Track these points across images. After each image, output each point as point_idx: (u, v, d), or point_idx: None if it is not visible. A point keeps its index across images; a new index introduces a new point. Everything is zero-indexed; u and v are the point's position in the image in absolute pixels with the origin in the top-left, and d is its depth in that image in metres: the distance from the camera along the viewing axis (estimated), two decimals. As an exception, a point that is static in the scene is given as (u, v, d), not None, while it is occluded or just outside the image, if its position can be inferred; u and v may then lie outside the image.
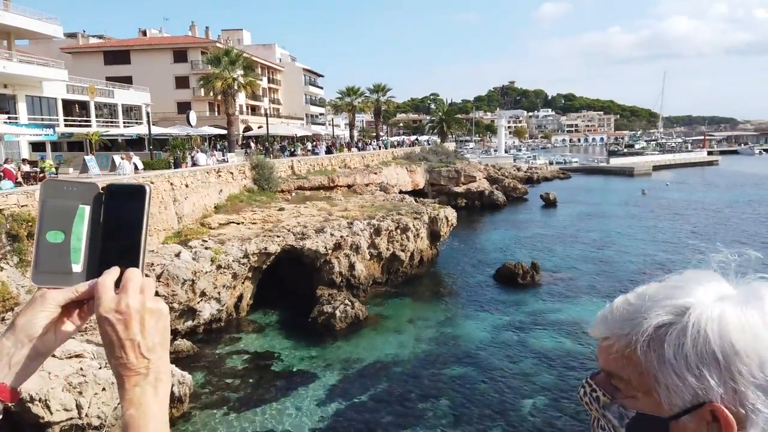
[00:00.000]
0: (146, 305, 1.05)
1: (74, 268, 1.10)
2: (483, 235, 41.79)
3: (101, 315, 1.04)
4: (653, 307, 0.97)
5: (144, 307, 1.05)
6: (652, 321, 0.96)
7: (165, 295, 19.22)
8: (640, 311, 0.98)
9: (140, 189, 1.11)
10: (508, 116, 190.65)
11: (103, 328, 1.04)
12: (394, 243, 27.61)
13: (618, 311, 1.02)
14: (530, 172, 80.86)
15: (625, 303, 1.03)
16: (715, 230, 41.42)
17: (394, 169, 47.82)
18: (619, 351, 0.99)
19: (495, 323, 22.56)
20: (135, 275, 1.07)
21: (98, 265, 1.10)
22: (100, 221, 1.11)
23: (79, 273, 1.10)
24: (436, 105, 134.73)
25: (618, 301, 1.05)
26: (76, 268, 1.10)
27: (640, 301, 1.01)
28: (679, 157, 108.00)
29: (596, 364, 1.09)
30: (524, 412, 15.55)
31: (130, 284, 1.06)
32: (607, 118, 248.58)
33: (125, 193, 1.11)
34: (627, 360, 0.98)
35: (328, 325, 21.60)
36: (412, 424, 14.97)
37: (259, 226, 25.83)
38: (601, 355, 1.05)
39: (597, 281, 28.35)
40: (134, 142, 39.13)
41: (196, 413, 15.50)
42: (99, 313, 1.04)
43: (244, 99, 64.56)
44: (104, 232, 1.11)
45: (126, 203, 1.10)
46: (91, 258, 1.11)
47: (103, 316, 1.04)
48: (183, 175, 25.65)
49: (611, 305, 1.06)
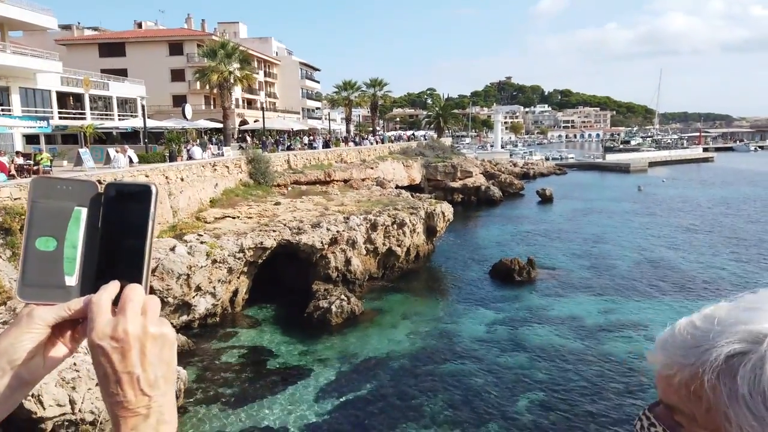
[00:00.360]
0: (148, 330, 0.89)
1: (68, 281, 0.94)
2: (479, 231, 41.76)
3: (94, 342, 0.87)
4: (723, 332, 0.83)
5: (146, 332, 0.89)
6: (722, 350, 0.81)
7: (159, 290, 19.11)
8: (708, 337, 0.84)
9: (145, 189, 0.96)
10: (504, 112, 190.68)
11: (96, 358, 0.88)
12: (390, 238, 27.53)
13: (681, 336, 0.88)
14: (526, 168, 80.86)
15: (690, 327, 0.89)
16: (710, 228, 41.50)
17: (390, 164, 47.70)
18: (683, 383, 0.85)
19: (491, 319, 22.53)
20: (136, 293, 0.91)
21: (95, 277, 0.95)
22: (99, 226, 0.96)
23: (73, 287, 0.94)
24: (433, 100, 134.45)
25: (681, 323, 0.91)
26: (69, 281, 0.94)
27: (708, 325, 0.86)
28: (674, 154, 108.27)
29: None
30: (520, 408, 15.53)
31: (130, 304, 0.89)
32: (604, 115, 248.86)
33: (128, 194, 0.96)
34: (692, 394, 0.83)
35: (323, 321, 21.53)
36: (408, 420, 14.93)
37: (255, 220, 25.70)
38: (661, 385, 0.90)
39: (593, 277, 28.35)
40: (129, 135, 38.86)
41: (190, 409, 15.42)
42: (91, 339, 0.88)
43: (240, 92, 64.21)
44: (103, 239, 0.96)
45: (129, 206, 0.95)
46: (87, 269, 0.95)
47: (95, 343, 0.87)
48: (178, 168, 25.48)
49: (673, 328, 0.92)
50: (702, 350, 0.83)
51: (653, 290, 26.06)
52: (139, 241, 0.94)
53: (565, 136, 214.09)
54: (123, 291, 0.91)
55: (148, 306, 0.91)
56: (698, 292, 25.69)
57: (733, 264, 30.63)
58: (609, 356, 18.81)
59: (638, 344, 19.79)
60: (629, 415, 15.01)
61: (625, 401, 15.78)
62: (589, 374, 17.53)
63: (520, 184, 64.02)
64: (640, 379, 17.14)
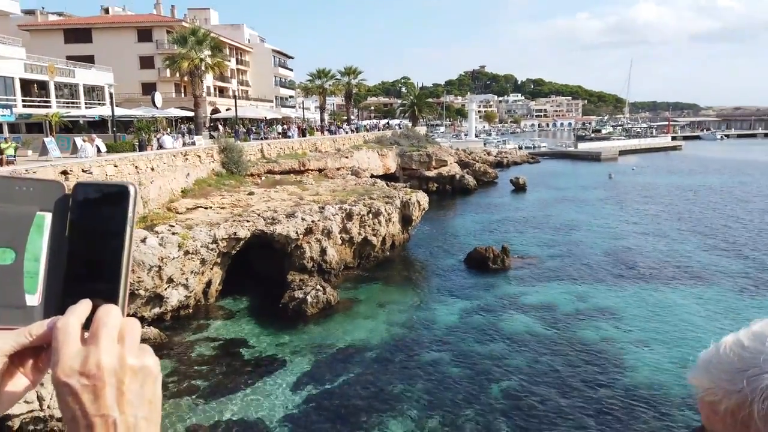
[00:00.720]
0: (127, 363, 0.72)
1: (29, 301, 0.79)
2: (454, 219, 41.97)
3: (59, 379, 0.70)
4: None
5: (123, 365, 0.72)
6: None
7: (131, 282, 18.70)
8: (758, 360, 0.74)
9: (122, 190, 0.80)
10: (478, 101, 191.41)
11: (63, 399, 0.70)
12: (365, 227, 27.46)
13: (727, 357, 0.78)
14: (500, 157, 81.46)
15: (737, 346, 0.78)
16: (678, 215, 42.43)
17: (365, 153, 47.52)
18: (729, 411, 0.74)
19: (466, 307, 22.69)
20: (111, 315, 0.74)
21: (62, 296, 0.80)
22: (66, 234, 0.81)
23: (35, 307, 0.80)
24: (407, 89, 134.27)
25: (727, 342, 0.80)
26: (31, 300, 0.79)
27: (758, 345, 0.76)
28: (644, 142, 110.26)
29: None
30: (494, 395, 15.70)
31: (104, 330, 0.72)
32: (575, 104, 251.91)
33: (101, 196, 0.80)
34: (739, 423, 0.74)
35: (299, 311, 21.41)
36: (385, 408, 14.96)
37: (228, 210, 25.34)
38: (705, 411, 0.80)
39: (566, 265, 28.75)
40: (97, 123, 37.88)
41: (164, 402, 15.11)
42: (56, 376, 0.71)
43: (211, 80, 63.10)
44: (71, 250, 0.80)
45: (102, 209, 0.79)
46: (51, 286, 0.80)
47: (61, 381, 0.70)
48: (148, 158, 24.92)
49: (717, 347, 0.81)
50: (751, 375, 0.74)
51: (624, 277, 26.56)
52: (114, 252, 0.79)
53: (538, 125, 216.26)
54: (95, 313, 0.76)
55: (127, 331, 0.75)
56: (667, 278, 26.26)
57: (701, 251, 31.38)
58: (581, 342, 19.13)
59: (608, 331, 20.17)
60: (600, 400, 15.30)
61: (596, 387, 16.08)
62: (562, 361, 17.80)
63: (494, 172, 64.50)
64: (611, 364, 17.48)
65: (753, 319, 0.86)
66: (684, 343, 18.87)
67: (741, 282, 25.38)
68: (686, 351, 18.23)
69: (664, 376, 16.54)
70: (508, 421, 14.30)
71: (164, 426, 14.06)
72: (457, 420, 14.36)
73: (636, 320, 21.05)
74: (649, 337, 19.40)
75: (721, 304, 22.71)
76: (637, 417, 14.36)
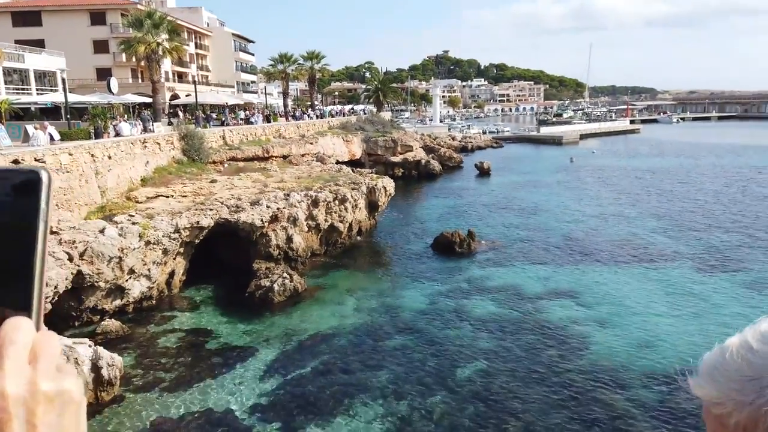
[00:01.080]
0: (39, 388, 0.59)
1: None
2: (420, 205, 42.12)
3: None
4: None
5: (35, 392, 0.58)
6: None
7: (89, 274, 18.17)
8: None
9: (32, 177, 0.67)
10: (442, 86, 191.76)
11: None
12: (332, 214, 27.27)
13: (735, 363, 0.68)
14: (465, 142, 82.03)
15: (746, 350, 0.68)
16: (637, 198, 43.55)
17: (330, 139, 47.11)
18: (740, 426, 0.65)
19: (433, 292, 22.84)
20: (20, 330, 0.61)
21: None
22: None
23: None
24: (371, 74, 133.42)
25: (733, 345, 0.70)
26: None
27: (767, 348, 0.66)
28: (604, 126, 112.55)
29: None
30: (462, 378, 15.88)
31: (11, 349, 0.59)
32: (537, 88, 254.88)
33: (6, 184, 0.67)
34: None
35: (266, 299, 21.17)
36: (354, 395, 14.97)
37: (190, 199, 24.78)
38: (712, 425, 0.70)
39: (530, 247, 29.21)
40: (49, 110, 36.37)
41: (128, 396, 14.84)
42: None
43: (169, 65, 61.32)
44: None
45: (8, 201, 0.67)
46: None
47: None
48: (105, 146, 24.09)
49: (723, 351, 0.70)
50: (764, 385, 0.64)
51: (585, 259, 27.14)
52: (24, 252, 0.65)
53: (501, 109, 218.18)
54: (2, 324, 0.62)
55: (41, 349, 0.61)
56: (627, 260, 26.96)
57: (659, 233, 32.31)
58: (545, 324, 19.50)
59: (571, 312, 20.61)
60: (563, 380, 15.64)
61: (560, 367, 16.42)
62: (527, 342, 18.12)
63: (459, 157, 64.95)
64: (574, 345, 17.88)
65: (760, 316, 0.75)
66: (644, 324, 19.44)
67: (697, 262, 26.26)
68: (646, 330, 18.79)
69: (624, 356, 17.02)
70: (475, 403, 14.49)
71: (128, 421, 13.75)
72: (425, 404, 14.47)
73: (597, 301, 21.56)
74: (610, 318, 19.90)
75: (679, 284, 23.45)
76: (598, 396, 14.74)
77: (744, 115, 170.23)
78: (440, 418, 13.87)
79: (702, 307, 20.64)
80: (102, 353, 14.76)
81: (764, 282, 23.19)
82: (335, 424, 13.71)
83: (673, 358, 16.60)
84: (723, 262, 25.98)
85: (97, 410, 14.08)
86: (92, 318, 19.17)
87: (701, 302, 21.15)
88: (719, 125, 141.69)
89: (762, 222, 33.65)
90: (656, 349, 17.35)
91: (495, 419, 13.74)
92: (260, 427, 13.62)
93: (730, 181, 50.03)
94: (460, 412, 14.11)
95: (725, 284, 23.11)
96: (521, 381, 15.58)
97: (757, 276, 23.94)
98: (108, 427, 13.51)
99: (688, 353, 16.87)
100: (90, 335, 17.53)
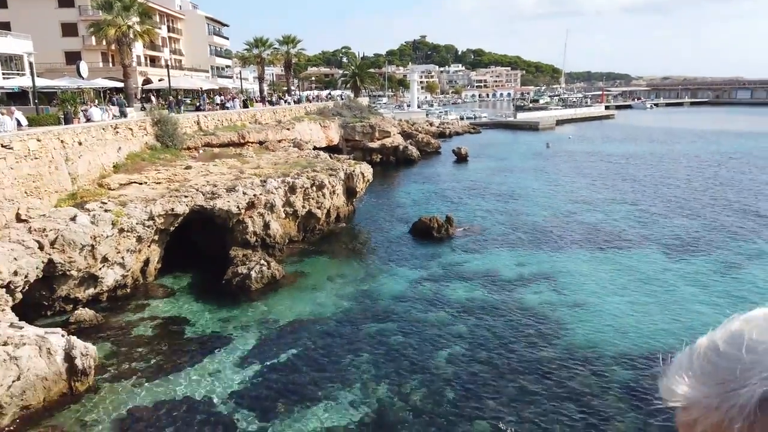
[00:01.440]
0: None
1: None
2: (398, 191, 42.10)
3: None
4: (757, 364, 0.59)
5: None
6: (755, 389, 0.58)
7: (61, 262, 17.78)
8: (736, 371, 0.59)
9: None
10: (420, 71, 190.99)
11: None
12: (309, 200, 27.10)
13: (701, 366, 0.63)
14: (442, 127, 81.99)
15: (712, 352, 0.63)
16: (612, 183, 44.15)
17: (307, 124, 46.64)
18: (708, 430, 0.61)
19: (412, 277, 22.91)
20: None
21: None
22: None
23: None
24: (349, 59, 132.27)
25: (701, 346, 0.65)
26: None
27: (734, 351, 0.61)
28: (579, 112, 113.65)
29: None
30: (440, 362, 16.00)
31: None
32: (514, 74, 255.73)
33: None
34: None
35: (243, 287, 21.01)
36: (333, 381, 14.99)
37: (165, 185, 24.35)
38: (682, 430, 0.65)
39: (507, 232, 29.46)
40: (17, 95, 35.34)
41: (104, 385, 14.64)
42: None
43: (141, 49, 59.88)
44: None
45: None
46: None
47: None
48: (75, 131, 23.46)
49: (691, 352, 0.66)
50: (729, 389, 0.59)
51: (561, 243, 27.48)
52: None
53: (479, 95, 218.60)
54: None
55: None
56: (601, 243, 27.36)
57: (631, 217, 32.83)
58: (521, 307, 19.73)
59: (547, 295, 20.88)
60: (540, 361, 15.87)
61: (536, 349, 16.66)
62: (504, 325, 18.32)
63: (437, 143, 64.97)
64: (550, 327, 18.14)
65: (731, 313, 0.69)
66: (616, 308, 19.80)
67: (668, 247, 26.77)
68: (618, 314, 19.14)
69: (598, 337, 17.33)
70: (454, 386, 14.64)
71: (104, 411, 13.57)
72: (403, 388, 14.57)
73: (571, 286, 21.87)
74: (583, 302, 20.22)
75: (651, 265, 23.90)
76: (574, 375, 15.00)
77: (715, 101, 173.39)
78: (418, 402, 13.98)
79: (672, 291, 21.07)
80: (76, 343, 14.50)
81: (733, 265, 23.77)
82: (314, 409, 13.73)
83: (643, 341, 16.96)
84: (694, 247, 26.55)
85: (71, 400, 13.87)
86: (65, 307, 18.82)
87: (671, 286, 21.59)
88: (692, 111, 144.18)
89: (732, 207, 34.42)
90: (627, 332, 17.70)
91: (473, 401, 13.90)
92: (238, 415, 13.57)
93: (702, 166, 51.01)
94: (438, 395, 14.24)
95: (695, 269, 23.63)
96: (498, 364, 15.77)
97: (726, 260, 24.52)
98: (84, 417, 13.32)
99: (657, 336, 17.26)
100: (63, 324, 17.21)
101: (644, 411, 13.24)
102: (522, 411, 13.49)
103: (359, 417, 13.42)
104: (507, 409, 13.58)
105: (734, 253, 25.30)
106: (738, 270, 23.12)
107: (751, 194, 37.87)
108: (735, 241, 27.04)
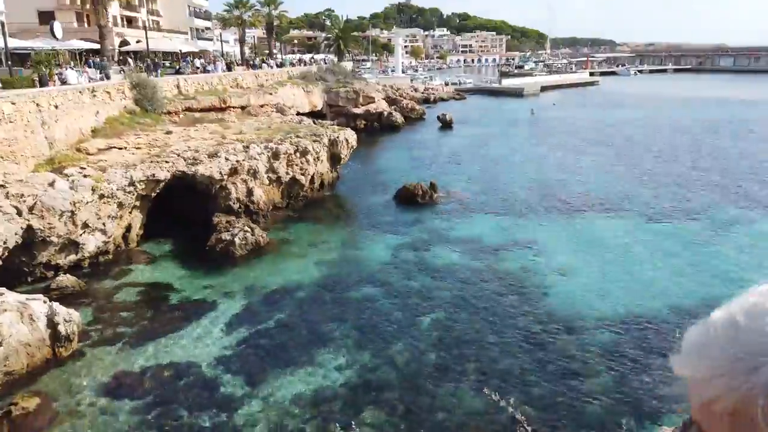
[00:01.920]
0: None
1: None
2: (383, 157, 41.90)
3: None
4: None
5: None
6: None
7: (40, 228, 17.52)
8: (758, 346, 0.56)
9: None
10: (404, 35, 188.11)
11: None
12: (293, 167, 26.86)
13: (719, 341, 0.60)
14: (427, 93, 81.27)
15: (731, 326, 0.59)
16: (596, 149, 44.35)
17: (290, 89, 45.91)
18: (728, 410, 0.57)
19: (396, 243, 23.00)
20: None
21: None
22: None
23: None
24: (332, 22, 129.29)
25: (718, 319, 0.61)
26: None
27: (756, 324, 0.57)
28: (564, 78, 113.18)
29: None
30: (424, 327, 16.22)
31: None
32: (500, 39, 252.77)
33: None
34: (741, 424, 0.57)
35: (227, 253, 20.95)
36: (317, 346, 15.14)
37: (145, 151, 23.93)
38: (699, 410, 0.62)
39: (491, 199, 29.60)
40: (-12, 57, 34.09)
41: (88, 351, 14.63)
42: None
43: (117, 9, 58.01)
44: None
45: None
46: None
47: None
48: (51, 95, 22.81)
49: (707, 327, 0.62)
50: (751, 365, 0.56)
51: (545, 210, 27.70)
52: None
53: (464, 60, 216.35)
54: None
55: None
56: (586, 210, 27.64)
57: (613, 183, 33.14)
58: (504, 273, 19.98)
59: (530, 261, 21.14)
60: (522, 327, 16.17)
61: (519, 314, 16.94)
62: (488, 290, 18.57)
63: (422, 109, 64.48)
64: (533, 293, 18.43)
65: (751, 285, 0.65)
66: (598, 272, 20.13)
67: (650, 212, 27.14)
68: (600, 279, 19.48)
69: (580, 303, 17.66)
70: (437, 351, 14.88)
71: (88, 376, 13.60)
72: (387, 352, 14.77)
73: (556, 250, 22.14)
74: (567, 267, 20.51)
75: (637, 232, 24.26)
76: (555, 340, 15.33)
77: (699, 68, 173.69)
78: (402, 365, 14.20)
79: (655, 256, 21.45)
80: (58, 309, 14.42)
81: (714, 229, 24.20)
82: (299, 374, 13.89)
83: (621, 304, 17.33)
84: (674, 212, 26.94)
85: (55, 366, 13.86)
86: (46, 274, 18.62)
87: (653, 250, 21.97)
88: (675, 77, 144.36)
89: (713, 173, 34.88)
90: (609, 296, 18.05)
91: (457, 365, 14.16)
92: (224, 379, 13.68)
93: (685, 133, 51.39)
94: (422, 359, 14.47)
95: (677, 233, 24.03)
96: (481, 328, 16.03)
97: (706, 224, 24.96)
98: (68, 382, 13.34)
99: (639, 300, 17.64)
100: (44, 291, 17.06)
101: (620, 371, 13.63)
102: (505, 373, 13.79)
103: (344, 380, 13.62)
104: (490, 371, 13.88)
105: (715, 216, 25.75)
106: (721, 235, 23.56)
107: (735, 162, 38.38)
108: (716, 207, 27.48)
